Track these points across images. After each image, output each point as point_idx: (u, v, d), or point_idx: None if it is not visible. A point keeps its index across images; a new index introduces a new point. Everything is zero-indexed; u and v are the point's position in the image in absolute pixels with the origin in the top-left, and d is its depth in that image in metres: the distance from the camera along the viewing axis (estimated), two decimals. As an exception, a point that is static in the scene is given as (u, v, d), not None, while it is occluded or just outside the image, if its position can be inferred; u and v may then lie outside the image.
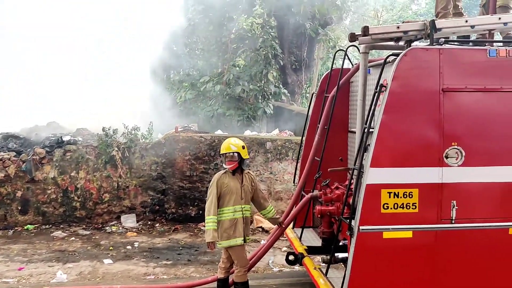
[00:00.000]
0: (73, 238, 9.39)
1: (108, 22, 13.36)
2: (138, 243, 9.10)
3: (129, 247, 8.88)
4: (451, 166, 4.80)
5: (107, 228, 9.98)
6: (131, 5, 13.67)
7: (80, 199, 10.18)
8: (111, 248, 8.80)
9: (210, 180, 9.52)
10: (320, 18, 17.10)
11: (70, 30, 12.99)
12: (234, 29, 16.48)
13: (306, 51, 19.04)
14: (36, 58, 12.54)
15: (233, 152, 5.80)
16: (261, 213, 6.31)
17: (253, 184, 5.99)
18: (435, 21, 4.96)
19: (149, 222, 10.25)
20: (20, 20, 12.97)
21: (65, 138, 10.45)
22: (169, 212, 10.38)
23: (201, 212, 10.32)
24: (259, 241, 8.83)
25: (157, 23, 13.77)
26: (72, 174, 10.12)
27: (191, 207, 10.38)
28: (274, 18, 16.61)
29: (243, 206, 5.86)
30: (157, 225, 10.21)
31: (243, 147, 5.86)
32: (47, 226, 9.98)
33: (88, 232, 9.74)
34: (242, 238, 5.83)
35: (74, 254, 8.49)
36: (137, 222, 10.20)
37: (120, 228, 9.99)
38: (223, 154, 5.92)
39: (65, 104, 11.95)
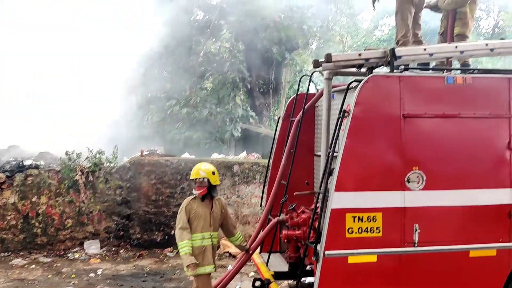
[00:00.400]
0: (33, 266, 9.05)
1: (72, 42, 13.23)
2: (101, 270, 8.84)
3: (92, 274, 8.61)
4: (413, 190, 4.90)
5: (70, 255, 9.67)
6: (98, 26, 13.59)
7: (41, 225, 9.85)
8: (73, 276, 8.51)
9: (177, 205, 9.43)
10: (286, 43, 17.38)
11: (32, 51, 12.78)
12: (202, 52, 16.56)
13: (274, 74, 19.25)
14: (-5, 79, 12.28)
15: (202, 178, 5.74)
16: (229, 239, 6.25)
17: (223, 211, 5.93)
18: (395, 49, 5.11)
19: (113, 248, 9.99)
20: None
21: (27, 162, 10.15)
22: (134, 238, 10.16)
23: (167, 237, 10.15)
24: (226, 267, 8.71)
25: (125, 44, 13.71)
26: (33, 199, 9.80)
27: (156, 233, 10.18)
28: (242, 42, 16.79)
29: (211, 233, 5.77)
30: (121, 251, 9.95)
31: (213, 173, 5.78)
32: (5, 254, 9.58)
33: (49, 260, 9.41)
34: (212, 266, 5.74)
35: (34, 283, 8.17)
36: (100, 249, 9.92)
37: (83, 254, 9.70)
38: (192, 179, 5.85)
39: (27, 127, 11.66)
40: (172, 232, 10.16)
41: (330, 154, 5.01)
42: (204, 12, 17.95)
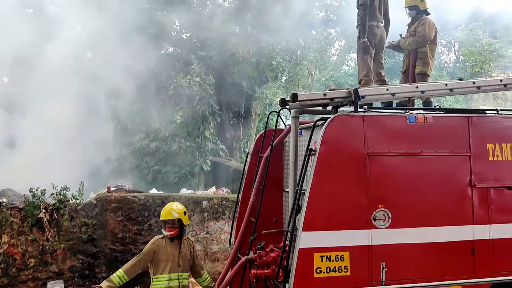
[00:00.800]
0: (-9, 310, 8.64)
1: (36, 75, 13.06)
2: (64, 312, 8.51)
3: (54, 317, 8.27)
4: (379, 228, 4.95)
5: (31, 296, 9.28)
6: (60, 57, 13.46)
7: (2, 266, 9.42)
8: (34, 319, 8.15)
9: (144, 242, 9.22)
10: (256, 77, 17.62)
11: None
12: (172, 86, 16.57)
13: (244, 107, 19.42)
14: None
15: (174, 219, 5.65)
16: (196, 280, 6.13)
17: (191, 250, 5.84)
18: (358, 90, 5.25)
19: (78, 289, 9.65)
20: None
21: (-13, 200, 9.81)
22: (100, 277, 9.81)
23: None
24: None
25: (92, 77, 13.60)
26: (-6, 238, 9.44)
27: (123, 271, 9.89)
28: (212, 76, 16.93)
29: (180, 274, 5.64)
30: (86, 291, 9.62)
31: (185, 213, 5.72)
32: (-38, 297, 9.14)
33: (9, 302, 9.01)
34: None
35: (-9, 328, 7.78)
36: (64, 289, 9.57)
37: (46, 296, 9.32)
38: (163, 220, 5.74)
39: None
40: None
41: (298, 191, 5.04)
42: (175, 46, 18.10)
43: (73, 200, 10.02)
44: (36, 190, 9.79)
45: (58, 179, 10.17)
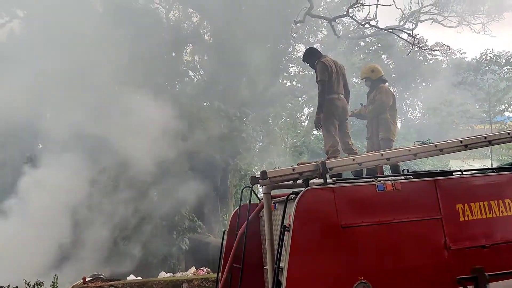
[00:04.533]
0: None
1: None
2: None
3: None
4: (361, 301, 4.85)
5: None
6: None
7: None
8: None
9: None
10: (229, 150, 17.79)
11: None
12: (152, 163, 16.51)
13: (220, 180, 19.39)
14: None
15: None
16: None
17: None
18: (326, 162, 5.34)
19: None
20: None
21: (-46, 304, 9.28)
22: None
23: None
24: None
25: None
26: None
27: None
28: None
29: None
30: None
31: None
32: None
33: None
34: None
35: None
36: None
37: None
38: None
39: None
40: None
41: (276, 268, 4.96)
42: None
43: (47, 295, 9.59)
44: (8, 287, 9.35)
45: (30, 274, 9.77)
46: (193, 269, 11.73)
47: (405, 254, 5.14)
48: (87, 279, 10.21)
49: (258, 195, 7.19)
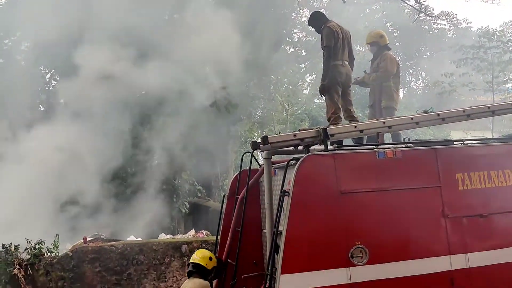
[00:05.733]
0: None
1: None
2: None
3: None
4: (357, 265, 4.95)
5: None
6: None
7: (-26, 328, 9.04)
8: None
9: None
10: (230, 116, 17.72)
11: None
12: (148, 127, 16.49)
13: (220, 146, 19.43)
14: None
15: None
16: None
17: None
18: (327, 129, 5.34)
19: None
20: None
21: (-42, 259, 9.46)
22: (79, 333, 9.49)
23: (114, 329, 9.57)
24: None
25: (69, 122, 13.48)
26: (-35, 300, 9.07)
27: (103, 325, 9.59)
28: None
29: None
30: None
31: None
32: None
33: None
34: None
35: None
36: None
37: None
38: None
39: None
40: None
41: (275, 232, 5.03)
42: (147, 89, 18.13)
43: (48, 254, 9.74)
44: (9, 246, 9.51)
45: (31, 232, 9.91)
46: (192, 232, 11.89)
47: (403, 221, 5.22)
48: (88, 239, 10.35)
49: (258, 161, 7.23)
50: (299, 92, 28.24)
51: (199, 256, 5.98)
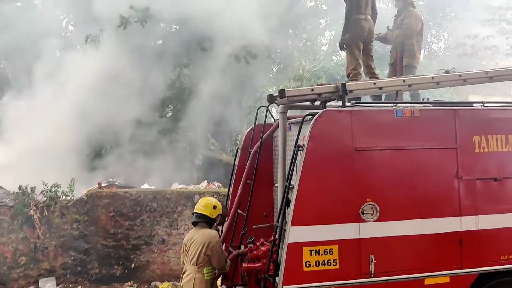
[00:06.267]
0: (-17, 308, 8.64)
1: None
2: (57, 309, 8.53)
3: (47, 314, 8.29)
4: (367, 222, 5.00)
5: (24, 294, 9.29)
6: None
7: (-8, 264, 9.43)
8: (26, 317, 8.17)
9: (136, 237, 9.23)
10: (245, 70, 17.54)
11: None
12: (162, 79, 16.44)
13: (235, 100, 19.34)
14: None
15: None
16: None
17: None
18: (346, 84, 5.26)
19: (70, 285, 9.65)
20: None
21: (-23, 198, 9.77)
22: (92, 273, 9.85)
23: (126, 271, 9.90)
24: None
25: (82, 66, 13.47)
26: (-16, 237, 9.41)
27: (115, 267, 9.91)
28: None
29: None
30: (79, 287, 9.63)
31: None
32: (-47, 296, 9.12)
33: (1, 300, 9.01)
34: None
35: (-16, 327, 7.78)
36: (57, 286, 9.57)
37: (38, 293, 9.33)
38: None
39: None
40: (132, 266, 9.94)
41: (287, 186, 5.08)
42: (164, 39, 17.93)
43: (64, 197, 9.99)
44: (26, 187, 9.76)
45: (48, 176, 10.13)
46: (205, 183, 12.06)
47: (416, 181, 5.21)
48: (102, 185, 10.57)
49: (273, 116, 7.21)
50: (317, 49, 27.67)
51: (203, 206, 5.85)
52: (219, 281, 6.34)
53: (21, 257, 9.56)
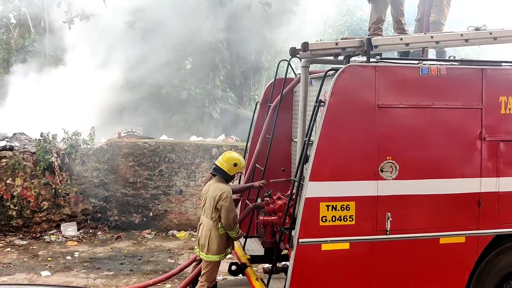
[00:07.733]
0: (8, 249, 8.98)
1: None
2: (78, 253, 8.84)
3: (68, 257, 8.60)
4: (386, 180, 4.96)
5: (46, 237, 9.64)
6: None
7: (16, 208, 9.75)
8: (49, 259, 8.49)
9: (154, 187, 9.40)
10: (267, 23, 17.19)
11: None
12: (182, 31, 16.23)
13: (254, 54, 19.08)
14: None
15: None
16: None
17: None
18: (372, 39, 5.11)
19: (90, 231, 9.98)
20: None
21: (1, 144, 9.99)
22: (112, 220, 10.15)
23: (145, 219, 10.17)
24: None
25: (103, 20, 13.39)
26: (8, 181, 9.68)
27: (134, 215, 10.18)
28: (222, 20, 16.52)
29: None
30: (99, 233, 9.95)
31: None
32: (-21, 237, 9.50)
33: (25, 242, 9.35)
34: (223, 254, 5.79)
35: (9, 266, 8.12)
36: (78, 231, 9.91)
37: (60, 237, 9.67)
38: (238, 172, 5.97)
39: (1, 107, 11.40)
40: (150, 214, 10.19)
41: (306, 142, 5.04)
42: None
43: (84, 145, 10.16)
44: (47, 134, 9.93)
45: (69, 124, 10.28)
46: (222, 136, 12.10)
47: (437, 140, 5.12)
48: (122, 134, 10.69)
49: (294, 70, 7.09)
50: (341, 3, 26.89)
51: (224, 160, 5.80)
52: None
53: (43, 202, 9.86)
